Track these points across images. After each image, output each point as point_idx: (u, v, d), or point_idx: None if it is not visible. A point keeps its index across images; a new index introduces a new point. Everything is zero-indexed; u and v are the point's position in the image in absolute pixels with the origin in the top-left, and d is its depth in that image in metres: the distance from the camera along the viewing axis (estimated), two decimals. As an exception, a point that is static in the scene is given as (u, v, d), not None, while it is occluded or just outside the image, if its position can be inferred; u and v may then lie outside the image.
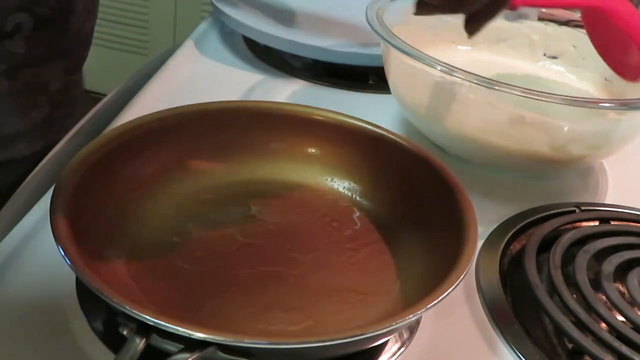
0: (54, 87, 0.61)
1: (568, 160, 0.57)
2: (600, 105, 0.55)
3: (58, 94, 0.61)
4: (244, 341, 0.34)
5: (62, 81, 0.62)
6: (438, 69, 0.53)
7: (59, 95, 0.61)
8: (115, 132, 0.47)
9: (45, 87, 0.60)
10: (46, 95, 0.60)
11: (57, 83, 0.61)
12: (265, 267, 0.44)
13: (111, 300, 0.34)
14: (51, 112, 0.61)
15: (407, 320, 0.36)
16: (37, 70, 0.58)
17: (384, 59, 0.62)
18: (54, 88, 0.61)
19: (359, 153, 0.52)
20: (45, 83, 0.60)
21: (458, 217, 0.44)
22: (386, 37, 0.56)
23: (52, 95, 0.61)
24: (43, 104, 0.60)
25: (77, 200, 0.41)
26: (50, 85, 0.60)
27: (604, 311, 0.44)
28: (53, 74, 0.60)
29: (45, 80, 0.60)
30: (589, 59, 0.65)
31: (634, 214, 0.56)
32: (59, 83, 0.61)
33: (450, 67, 0.52)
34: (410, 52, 0.54)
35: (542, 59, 0.70)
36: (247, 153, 0.52)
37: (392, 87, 0.62)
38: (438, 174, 0.47)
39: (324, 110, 0.53)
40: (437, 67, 0.53)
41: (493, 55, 0.62)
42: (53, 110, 0.61)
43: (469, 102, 0.55)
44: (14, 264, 0.43)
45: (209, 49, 0.76)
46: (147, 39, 1.88)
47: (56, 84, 0.61)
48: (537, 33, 0.70)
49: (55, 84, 0.61)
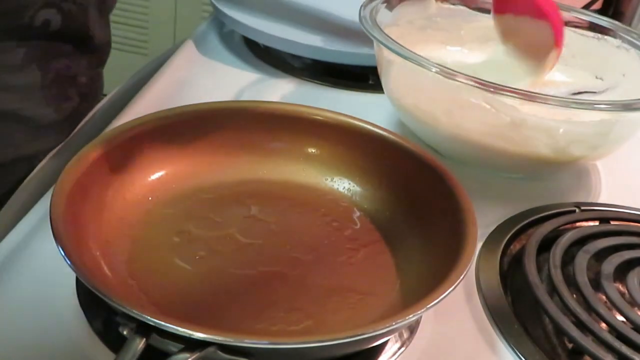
0: (81, 80, 0.62)
1: (567, 162, 0.57)
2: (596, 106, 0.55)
3: (85, 87, 0.63)
4: (244, 341, 0.34)
5: (88, 74, 0.63)
6: (436, 72, 0.52)
7: (85, 88, 0.63)
8: (115, 132, 0.47)
9: (74, 80, 0.61)
10: (75, 88, 0.62)
11: (84, 76, 0.63)
12: (265, 267, 0.44)
13: (111, 300, 0.34)
14: (80, 105, 0.62)
15: (407, 320, 0.36)
16: (67, 63, 0.60)
17: (377, 60, 0.62)
18: (82, 81, 0.62)
19: (359, 153, 0.52)
20: (74, 75, 0.61)
21: (458, 217, 0.44)
22: (381, 38, 0.56)
23: (80, 87, 0.62)
24: (73, 96, 0.61)
25: (77, 201, 0.41)
26: (79, 77, 0.62)
27: (604, 311, 0.44)
28: (81, 67, 0.62)
29: (74, 73, 0.61)
30: (580, 58, 0.65)
31: (634, 214, 0.56)
32: (85, 76, 0.63)
33: (448, 70, 0.52)
34: (405, 53, 0.54)
35: None
36: (247, 153, 0.52)
37: (386, 89, 0.62)
38: (438, 174, 0.47)
39: (324, 110, 0.53)
40: (433, 68, 0.52)
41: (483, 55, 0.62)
42: (81, 103, 0.63)
43: (468, 105, 0.54)
44: (14, 264, 0.43)
45: (209, 49, 0.76)
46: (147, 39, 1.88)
47: (83, 77, 0.63)
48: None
49: (82, 77, 0.62)
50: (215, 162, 0.51)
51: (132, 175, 0.47)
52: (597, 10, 0.94)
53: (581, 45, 0.67)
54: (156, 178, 0.48)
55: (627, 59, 0.64)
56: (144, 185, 0.48)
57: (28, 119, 0.57)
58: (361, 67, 0.72)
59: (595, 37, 0.66)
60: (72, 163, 0.43)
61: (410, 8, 0.67)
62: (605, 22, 0.66)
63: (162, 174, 0.49)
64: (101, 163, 0.45)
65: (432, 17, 0.68)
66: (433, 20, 0.67)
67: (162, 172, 0.49)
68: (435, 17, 0.68)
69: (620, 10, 0.95)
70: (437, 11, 0.68)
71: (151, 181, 0.48)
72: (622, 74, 0.64)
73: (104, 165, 0.45)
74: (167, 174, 0.49)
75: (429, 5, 0.68)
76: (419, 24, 0.67)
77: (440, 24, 0.67)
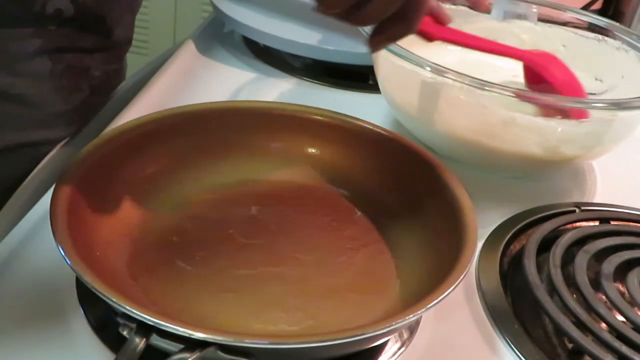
0: (95, 74, 0.62)
1: (560, 161, 0.57)
2: (592, 105, 0.55)
3: (97, 80, 0.63)
4: (244, 341, 0.34)
5: (103, 69, 0.63)
6: (427, 69, 0.52)
7: (99, 81, 0.63)
8: (115, 132, 0.47)
9: (86, 73, 0.61)
10: (87, 81, 0.62)
11: (98, 70, 0.62)
12: (265, 267, 0.44)
13: (111, 300, 0.34)
14: (91, 97, 0.62)
15: (407, 320, 0.36)
16: (80, 56, 0.60)
17: (373, 59, 0.62)
18: (95, 74, 0.62)
19: (359, 153, 0.52)
20: (87, 68, 0.61)
21: (458, 217, 0.44)
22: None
23: (92, 80, 0.62)
24: (84, 88, 0.61)
25: (77, 200, 0.41)
26: (92, 71, 0.62)
27: (604, 311, 0.44)
28: (95, 61, 0.62)
29: (87, 66, 0.61)
30: (579, 59, 0.65)
31: (634, 214, 0.56)
32: (100, 70, 0.63)
33: (440, 68, 0.52)
34: (400, 52, 0.54)
35: None
36: (247, 153, 0.52)
37: (382, 87, 0.62)
38: (438, 174, 0.47)
39: (324, 110, 0.53)
40: (427, 67, 0.52)
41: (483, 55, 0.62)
42: (92, 95, 0.62)
43: (460, 103, 0.54)
44: (14, 263, 0.43)
45: (209, 49, 0.76)
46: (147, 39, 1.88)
47: (97, 71, 0.62)
48: (527, 33, 0.69)
49: (96, 70, 0.62)
50: (215, 162, 0.51)
51: (132, 175, 0.47)
52: (597, 10, 0.94)
53: (581, 46, 0.67)
54: (156, 178, 0.48)
55: (626, 60, 0.64)
56: (144, 185, 0.48)
57: (36, 104, 0.57)
58: (361, 67, 0.72)
59: (595, 38, 0.66)
60: (72, 163, 0.43)
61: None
62: (605, 23, 0.66)
63: (162, 174, 0.49)
64: (101, 163, 0.45)
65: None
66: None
67: (162, 172, 0.49)
68: None
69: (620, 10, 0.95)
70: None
71: (151, 181, 0.48)
72: (621, 75, 0.64)
73: (103, 165, 0.45)
74: (167, 174, 0.49)
75: None
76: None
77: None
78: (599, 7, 0.95)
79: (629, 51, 0.64)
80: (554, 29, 0.68)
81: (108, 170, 0.45)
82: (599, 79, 0.65)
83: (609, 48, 0.65)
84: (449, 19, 0.57)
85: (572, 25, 0.68)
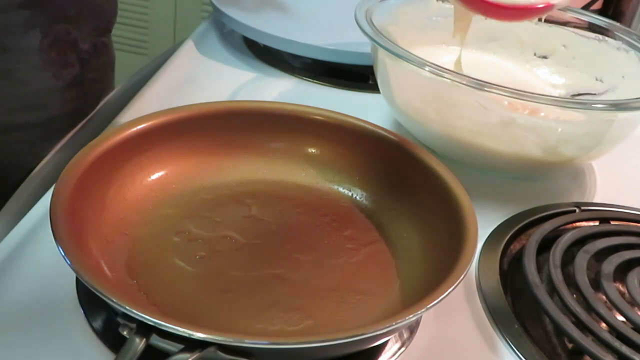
0: (83, 46, 0.62)
1: (559, 162, 0.57)
2: (592, 106, 0.54)
3: (87, 54, 0.62)
4: (244, 341, 0.34)
5: (90, 41, 0.63)
6: (427, 70, 0.52)
7: (87, 55, 0.63)
8: (115, 132, 0.47)
9: (74, 45, 0.61)
10: (75, 54, 0.61)
11: (86, 43, 0.62)
12: (265, 267, 0.44)
13: (111, 300, 0.34)
14: (82, 73, 0.62)
15: (407, 320, 0.36)
16: (67, 27, 0.59)
17: (372, 59, 0.62)
18: (83, 47, 0.62)
19: (359, 153, 0.52)
20: (74, 40, 0.61)
21: (458, 217, 0.44)
22: (374, 37, 0.56)
23: (81, 54, 0.62)
24: (73, 63, 0.61)
25: (77, 200, 0.41)
26: (80, 43, 0.61)
27: (604, 311, 0.44)
28: (82, 33, 0.61)
29: (74, 38, 0.61)
30: (579, 59, 0.65)
31: (634, 214, 0.56)
32: (87, 43, 0.62)
33: (440, 68, 0.52)
34: (399, 52, 0.54)
35: (532, 59, 0.70)
36: (247, 153, 0.52)
37: (381, 88, 0.62)
38: (438, 174, 0.47)
39: (324, 110, 0.53)
40: (426, 67, 0.52)
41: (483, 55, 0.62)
42: (83, 71, 0.62)
43: (459, 103, 0.54)
44: (14, 264, 0.43)
45: (209, 49, 0.76)
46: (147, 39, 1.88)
47: (85, 43, 0.62)
48: (528, 33, 0.69)
49: (84, 43, 0.62)
50: (215, 162, 0.51)
51: (132, 175, 0.47)
52: (597, 10, 0.94)
53: (581, 46, 0.67)
54: (156, 178, 0.48)
55: (626, 60, 0.64)
56: (144, 185, 0.48)
57: (25, 81, 0.57)
58: (361, 67, 0.72)
59: (596, 38, 0.66)
60: (72, 163, 0.43)
61: (410, 7, 0.67)
62: (605, 23, 0.66)
63: (162, 174, 0.49)
64: (101, 163, 0.45)
65: (432, 16, 0.68)
66: (433, 20, 0.67)
67: (162, 172, 0.49)
68: (436, 16, 0.68)
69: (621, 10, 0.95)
70: (438, 11, 0.68)
71: (151, 181, 0.48)
72: (621, 75, 0.64)
73: (103, 165, 0.45)
74: (167, 174, 0.49)
75: (429, 4, 0.68)
76: (419, 23, 0.67)
77: (440, 23, 0.67)
78: (599, 7, 0.95)
79: (629, 51, 0.64)
80: (554, 28, 0.68)
81: (108, 170, 0.45)
82: (599, 79, 0.65)
83: (609, 48, 0.65)
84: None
85: (572, 25, 0.67)
